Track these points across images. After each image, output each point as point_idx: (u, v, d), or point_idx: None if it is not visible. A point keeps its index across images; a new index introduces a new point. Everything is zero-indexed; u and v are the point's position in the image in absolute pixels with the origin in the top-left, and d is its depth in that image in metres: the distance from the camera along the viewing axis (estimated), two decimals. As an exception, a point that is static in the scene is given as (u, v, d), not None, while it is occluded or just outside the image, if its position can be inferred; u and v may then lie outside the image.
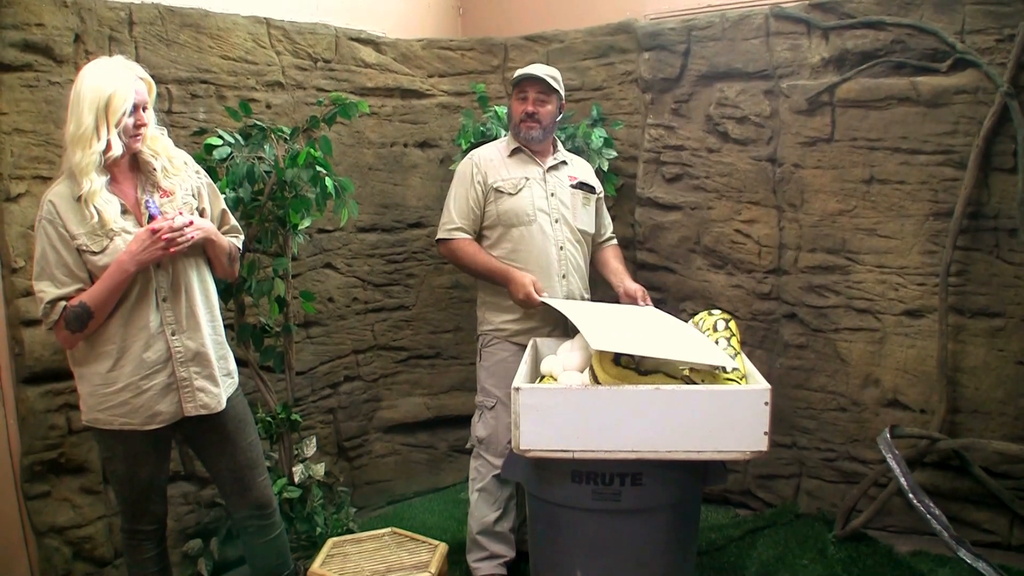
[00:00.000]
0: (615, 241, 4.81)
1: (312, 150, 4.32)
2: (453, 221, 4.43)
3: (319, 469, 4.63)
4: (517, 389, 3.19)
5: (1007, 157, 4.33)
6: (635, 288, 4.39)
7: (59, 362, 3.98)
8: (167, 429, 3.47)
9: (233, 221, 3.75)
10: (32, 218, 3.84)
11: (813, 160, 4.81)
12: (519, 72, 4.45)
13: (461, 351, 5.92)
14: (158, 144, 3.40)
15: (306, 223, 4.43)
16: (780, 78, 4.89)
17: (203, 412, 3.45)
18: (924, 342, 4.63)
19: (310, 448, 4.65)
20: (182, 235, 3.25)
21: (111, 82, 3.19)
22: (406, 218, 5.67)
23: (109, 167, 3.26)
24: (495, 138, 5.01)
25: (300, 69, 5.06)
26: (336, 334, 5.40)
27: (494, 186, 4.38)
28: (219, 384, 3.50)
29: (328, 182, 4.34)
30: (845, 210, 4.76)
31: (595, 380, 3.33)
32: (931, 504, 4.07)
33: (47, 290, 3.21)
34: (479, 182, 4.41)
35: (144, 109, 3.33)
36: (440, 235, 4.50)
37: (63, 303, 3.20)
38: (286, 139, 4.41)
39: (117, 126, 3.21)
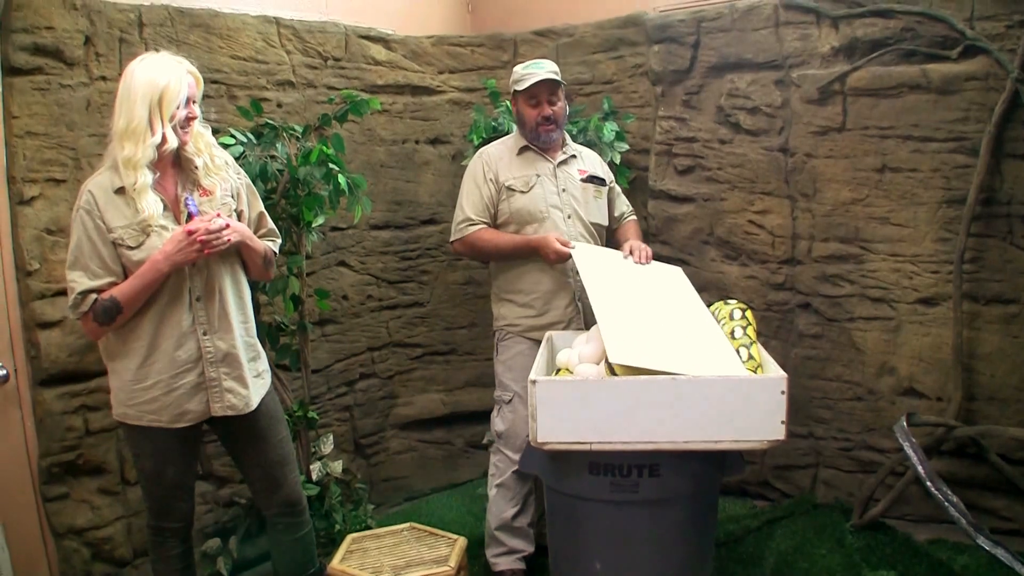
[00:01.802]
0: (634, 217, 4.82)
1: (324, 147, 4.32)
2: (468, 219, 4.44)
3: (336, 466, 4.64)
4: (534, 382, 3.19)
5: (1019, 143, 4.32)
6: (630, 246, 4.38)
7: (75, 364, 4.01)
8: (196, 427, 3.49)
9: (271, 224, 3.76)
10: (46, 221, 3.88)
11: (825, 149, 4.80)
12: (524, 80, 4.35)
13: (476, 347, 5.92)
14: (201, 142, 3.41)
15: (319, 221, 4.44)
16: (790, 68, 4.88)
17: (230, 413, 3.46)
18: (939, 330, 4.62)
19: (327, 445, 4.67)
20: (218, 238, 3.26)
21: (164, 75, 3.21)
22: (419, 215, 5.67)
23: (155, 163, 3.27)
24: (507, 132, 5.01)
25: (310, 68, 5.06)
26: (351, 332, 5.40)
27: (506, 184, 4.38)
28: (248, 386, 3.51)
29: (341, 179, 4.35)
30: (858, 199, 4.75)
31: (611, 371, 3.33)
32: (949, 492, 4.06)
33: (79, 280, 3.22)
34: (491, 180, 4.41)
35: (194, 103, 3.35)
36: (454, 236, 4.51)
37: (94, 295, 3.22)
38: (298, 137, 4.43)
39: (172, 120, 3.23)
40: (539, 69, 4.33)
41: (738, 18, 4.98)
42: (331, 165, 4.36)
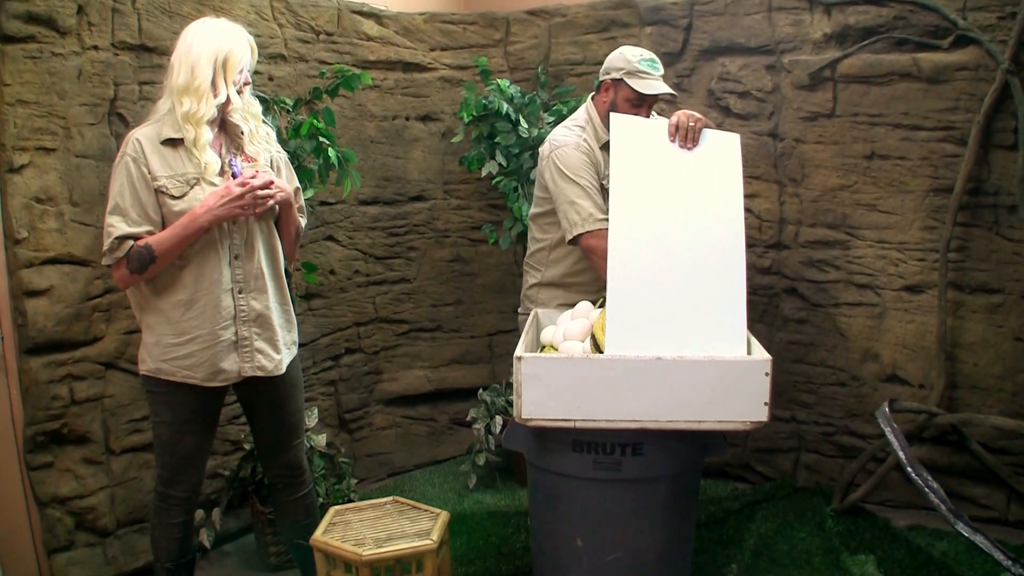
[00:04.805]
0: None
1: (315, 121, 4.32)
2: (593, 213, 3.95)
3: (320, 440, 4.65)
4: (519, 358, 3.19)
5: (1007, 134, 4.35)
6: (676, 121, 3.83)
7: (62, 333, 4.01)
8: (222, 392, 3.53)
9: (302, 201, 3.78)
10: (35, 190, 3.87)
11: (814, 135, 4.82)
12: (640, 79, 3.96)
13: (462, 324, 5.94)
14: (251, 110, 3.46)
15: (308, 194, 4.43)
16: (782, 53, 4.89)
17: (259, 374, 3.47)
18: (923, 317, 4.65)
19: (312, 419, 4.67)
20: (268, 194, 3.32)
21: (229, 39, 3.31)
22: (408, 191, 5.67)
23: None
24: (497, 112, 5.02)
25: (302, 42, 5.04)
26: (337, 306, 5.41)
27: (603, 181, 4.06)
28: (279, 350, 3.54)
29: (331, 153, 4.35)
30: (846, 185, 4.77)
31: (597, 349, 3.34)
32: (929, 478, 4.08)
33: (117, 225, 3.22)
34: (594, 173, 4.06)
35: (248, 71, 3.43)
36: (587, 227, 3.93)
37: (131, 242, 3.22)
38: (289, 110, 4.43)
39: (235, 83, 3.33)
40: (657, 71, 4.00)
41: (731, 2, 4.99)
42: (321, 139, 4.36)
